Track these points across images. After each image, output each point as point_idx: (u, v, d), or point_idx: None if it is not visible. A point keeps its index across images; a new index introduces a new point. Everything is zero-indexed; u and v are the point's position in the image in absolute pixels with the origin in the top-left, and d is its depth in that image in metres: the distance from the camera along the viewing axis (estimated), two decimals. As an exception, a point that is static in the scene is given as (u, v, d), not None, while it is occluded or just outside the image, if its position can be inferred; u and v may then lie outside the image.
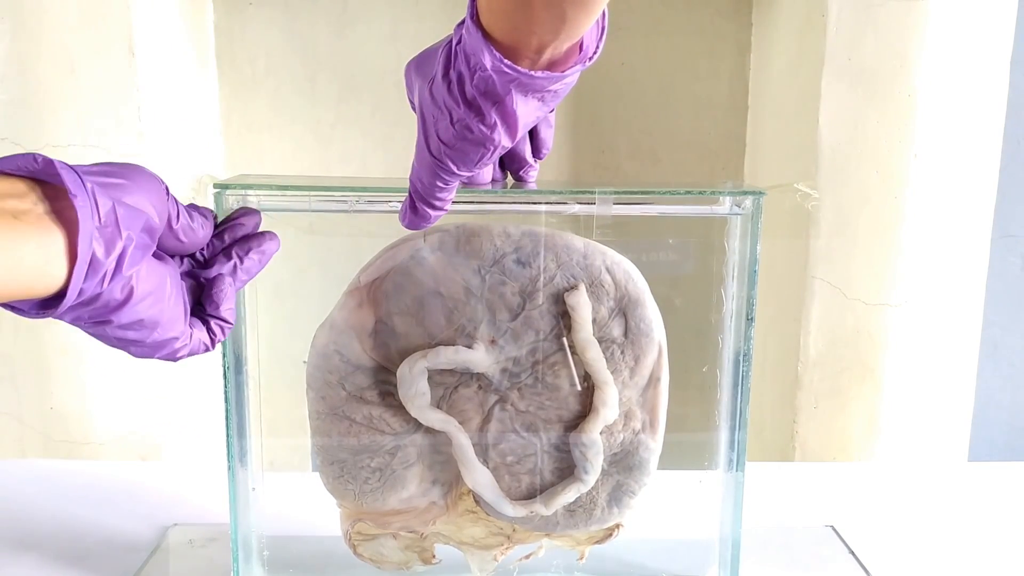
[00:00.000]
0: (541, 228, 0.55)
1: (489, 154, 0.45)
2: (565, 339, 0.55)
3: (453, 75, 0.43)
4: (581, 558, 0.63)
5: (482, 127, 0.43)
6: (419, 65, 0.47)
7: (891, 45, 1.09)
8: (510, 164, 0.55)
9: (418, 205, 0.48)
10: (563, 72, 0.42)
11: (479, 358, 0.55)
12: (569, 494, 0.57)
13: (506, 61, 0.41)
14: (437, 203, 0.48)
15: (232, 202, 0.55)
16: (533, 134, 0.54)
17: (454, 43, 0.43)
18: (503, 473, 0.58)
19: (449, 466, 0.58)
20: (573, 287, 0.55)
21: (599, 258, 0.55)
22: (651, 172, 1.40)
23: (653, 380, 0.57)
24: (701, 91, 1.37)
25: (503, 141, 0.44)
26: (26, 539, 0.72)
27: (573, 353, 0.55)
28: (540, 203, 0.55)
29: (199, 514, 0.76)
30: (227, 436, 0.58)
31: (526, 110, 0.43)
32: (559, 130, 1.38)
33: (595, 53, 0.44)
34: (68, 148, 1.11)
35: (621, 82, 1.36)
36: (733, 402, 0.60)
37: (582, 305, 0.54)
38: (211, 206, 0.55)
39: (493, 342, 0.55)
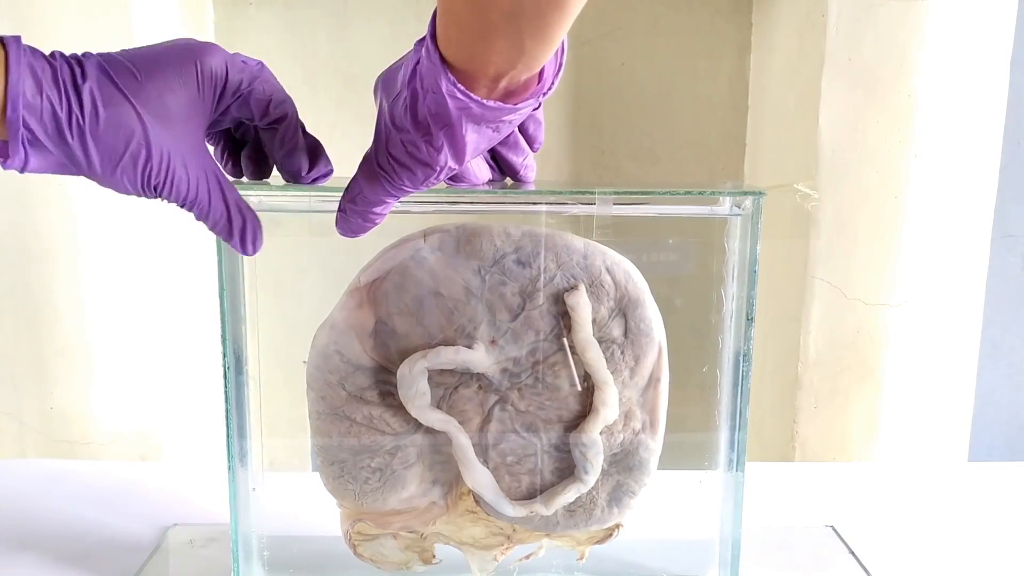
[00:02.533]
0: (541, 228, 0.54)
1: (435, 175, 0.44)
2: (565, 339, 0.55)
3: (409, 93, 0.43)
4: (581, 558, 0.63)
5: (430, 148, 0.43)
6: (385, 82, 0.47)
7: (891, 45, 1.09)
8: (506, 168, 0.55)
9: (352, 218, 0.48)
10: (516, 104, 0.42)
11: (479, 358, 0.55)
12: (569, 494, 0.57)
13: (460, 87, 0.40)
14: (372, 215, 0.48)
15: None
16: (523, 132, 0.54)
17: (414, 61, 0.43)
18: (503, 473, 0.58)
19: (449, 466, 0.58)
20: (573, 287, 0.55)
21: (599, 258, 0.55)
22: (651, 172, 1.40)
23: (653, 380, 0.57)
24: (701, 91, 1.37)
25: (450, 164, 0.44)
26: (26, 539, 0.72)
27: (573, 353, 0.55)
28: (540, 203, 0.55)
29: (199, 514, 0.76)
30: (227, 436, 0.58)
31: (477, 137, 0.43)
32: (559, 130, 1.38)
33: (551, 88, 0.43)
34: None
35: (621, 82, 1.36)
36: (733, 402, 0.60)
37: (582, 305, 0.54)
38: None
39: (493, 342, 0.55)
